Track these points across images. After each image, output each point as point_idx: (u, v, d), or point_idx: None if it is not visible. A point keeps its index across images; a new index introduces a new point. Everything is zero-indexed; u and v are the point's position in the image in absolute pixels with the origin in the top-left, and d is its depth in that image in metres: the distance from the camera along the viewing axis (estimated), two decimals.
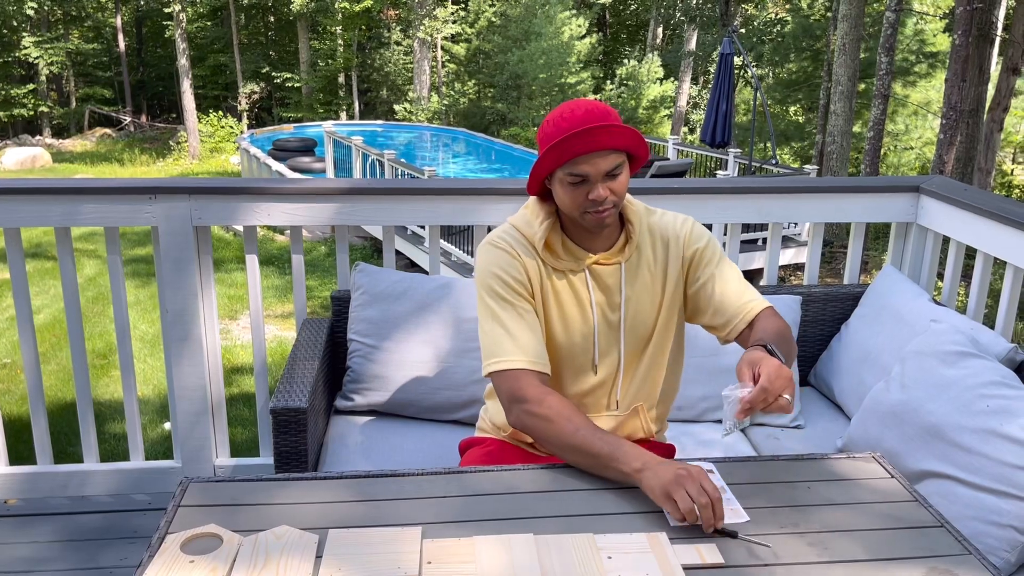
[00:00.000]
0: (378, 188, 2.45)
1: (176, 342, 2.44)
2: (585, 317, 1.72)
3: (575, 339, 1.72)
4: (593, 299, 1.71)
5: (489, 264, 1.67)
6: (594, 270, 1.71)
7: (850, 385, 2.34)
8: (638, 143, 1.62)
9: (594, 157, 1.58)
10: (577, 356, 1.73)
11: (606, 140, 1.56)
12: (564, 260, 1.71)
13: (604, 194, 1.59)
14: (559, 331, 1.73)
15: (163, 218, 2.35)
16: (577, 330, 1.72)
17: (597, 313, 1.71)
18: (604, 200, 1.59)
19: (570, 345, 1.73)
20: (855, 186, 2.60)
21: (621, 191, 1.62)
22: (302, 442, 1.96)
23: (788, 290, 2.51)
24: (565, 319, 1.72)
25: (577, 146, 1.56)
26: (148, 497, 2.63)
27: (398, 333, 2.27)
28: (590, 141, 1.56)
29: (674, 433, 2.22)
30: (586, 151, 1.57)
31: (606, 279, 1.72)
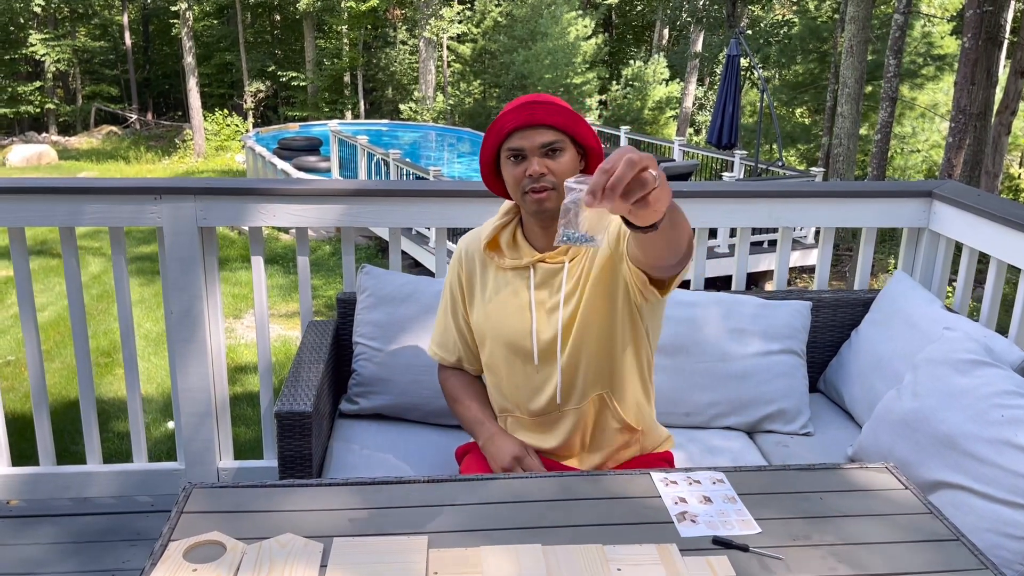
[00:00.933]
0: (384, 190, 2.42)
1: (180, 343, 2.42)
2: (522, 315, 1.73)
3: (514, 336, 1.74)
4: (533, 298, 1.72)
5: (449, 265, 1.89)
6: (539, 268, 1.73)
7: (861, 392, 2.31)
8: (579, 128, 1.65)
9: (528, 131, 1.63)
10: (518, 352, 1.75)
11: (540, 115, 1.62)
12: (508, 258, 1.75)
13: (539, 169, 1.62)
14: (499, 327, 1.76)
15: (168, 218, 2.33)
16: (516, 327, 1.74)
17: (536, 311, 1.72)
18: (541, 177, 1.62)
19: (510, 342, 1.75)
20: (866, 191, 2.58)
21: (561, 172, 1.63)
22: (306, 447, 1.94)
23: (798, 295, 2.48)
24: (505, 315, 1.75)
25: (512, 120, 1.63)
26: (151, 499, 2.61)
27: (404, 336, 2.25)
28: (525, 114, 1.62)
29: (681, 440, 2.20)
30: (520, 124, 1.62)
31: (550, 278, 1.72)
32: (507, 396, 1.80)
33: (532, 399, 1.76)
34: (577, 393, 1.73)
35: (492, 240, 1.77)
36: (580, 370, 1.71)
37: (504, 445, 1.74)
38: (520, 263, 1.73)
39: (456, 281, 1.85)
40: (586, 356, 1.70)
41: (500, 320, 1.75)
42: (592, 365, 1.71)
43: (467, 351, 1.88)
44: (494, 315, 1.76)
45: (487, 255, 1.77)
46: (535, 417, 1.77)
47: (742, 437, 2.28)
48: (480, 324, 1.80)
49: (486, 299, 1.79)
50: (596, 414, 1.75)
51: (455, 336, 1.88)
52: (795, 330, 2.35)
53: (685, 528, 1.43)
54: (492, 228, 1.77)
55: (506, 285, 1.75)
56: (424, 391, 2.20)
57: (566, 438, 1.76)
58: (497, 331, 1.76)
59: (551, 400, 1.74)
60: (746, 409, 2.28)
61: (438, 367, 1.96)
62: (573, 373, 1.72)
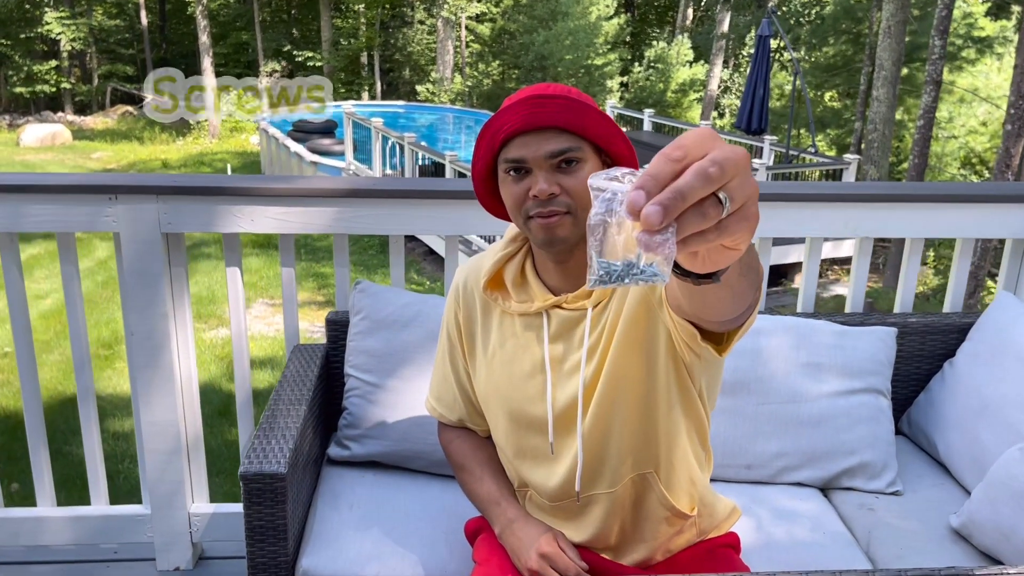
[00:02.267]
0: (384, 190, 2.03)
1: (143, 370, 2.04)
2: (533, 377, 1.31)
3: (523, 403, 1.33)
4: (547, 354, 1.29)
5: (448, 294, 1.47)
6: (554, 315, 1.29)
7: (961, 443, 1.90)
8: (602, 128, 1.19)
9: (531, 136, 1.18)
10: (529, 424, 1.33)
11: (549, 113, 1.17)
12: (515, 301, 1.32)
13: (548, 188, 1.17)
14: (505, 391, 1.34)
15: (126, 223, 1.95)
16: (525, 392, 1.32)
17: (551, 372, 1.29)
18: (549, 199, 1.18)
19: (517, 410, 1.34)
20: (964, 194, 2.15)
21: (578, 191, 1.18)
22: (280, 514, 1.55)
23: (879, 319, 2.07)
24: (511, 376, 1.33)
25: (511, 121, 1.18)
26: (114, 546, 2.25)
27: (405, 369, 1.86)
28: (527, 114, 1.17)
29: (743, 500, 1.79)
30: (522, 126, 1.18)
31: (569, 328, 1.29)
32: (519, 474, 1.40)
33: (547, 481, 1.35)
34: (608, 474, 1.31)
35: (494, 277, 1.33)
36: (609, 445, 1.29)
37: (526, 536, 1.34)
38: (531, 308, 1.30)
39: (454, 323, 1.43)
40: (618, 427, 1.28)
41: (506, 382, 1.34)
42: (626, 439, 1.29)
43: (471, 409, 1.47)
44: (498, 375, 1.35)
45: (489, 296, 1.34)
46: (555, 503, 1.37)
47: (816, 496, 1.87)
48: (482, 385, 1.39)
49: (489, 353, 1.37)
50: (636, 499, 1.34)
51: (455, 390, 1.47)
52: (879, 364, 1.94)
53: None
54: (494, 261, 1.33)
55: (513, 337, 1.33)
56: (429, 436, 1.81)
57: (598, 530, 1.36)
58: (502, 396, 1.35)
59: (568, 484, 1.32)
60: (821, 461, 1.88)
61: (438, 425, 1.56)
62: (599, 449, 1.30)
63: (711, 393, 1.32)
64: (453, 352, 1.45)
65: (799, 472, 1.88)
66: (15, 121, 23.22)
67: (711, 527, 1.44)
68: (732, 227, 0.62)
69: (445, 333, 1.46)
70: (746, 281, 0.86)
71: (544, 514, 1.40)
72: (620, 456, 1.30)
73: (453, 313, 1.43)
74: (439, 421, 1.55)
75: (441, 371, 1.49)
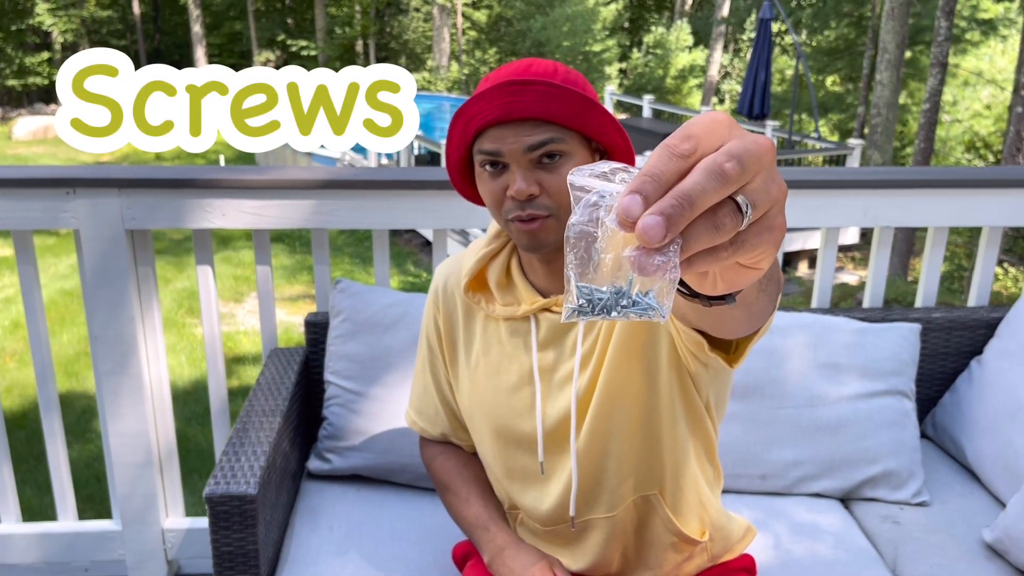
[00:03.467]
0: (365, 180, 1.88)
1: (109, 376, 1.90)
2: (521, 389, 1.17)
3: (510, 418, 1.18)
4: (536, 363, 1.14)
5: (428, 297, 1.32)
6: (543, 320, 1.14)
7: (992, 448, 1.75)
8: (587, 112, 1.02)
9: (508, 128, 1.02)
10: (517, 442, 1.19)
11: (526, 102, 1.00)
12: (500, 304, 1.17)
13: (527, 188, 1.02)
14: (489, 405, 1.20)
15: (86, 219, 1.80)
16: (512, 405, 1.18)
17: (540, 383, 1.15)
18: (529, 200, 1.03)
19: (504, 427, 1.19)
20: (990, 179, 2.00)
21: (561, 191, 1.03)
22: (251, 540, 1.41)
23: (901, 315, 1.92)
24: (497, 388, 1.19)
25: (485, 109, 1.01)
26: (85, 563, 2.11)
27: (389, 375, 1.72)
28: (500, 103, 1.01)
29: (757, 514, 1.65)
30: (497, 116, 1.01)
31: (560, 334, 1.14)
32: (509, 496, 1.26)
33: (539, 504, 1.21)
34: (606, 497, 1.17)
35: (477, 277, 1.18)
36: (607, 465, 1.15)
37: (517, 565, 1.19)
38: (517, 312, 1.15)
39: (433, 329, 1.28)
40: (616, 444, 1.14)
41: (491, 394, 1.20)
42: (625, 456, 1.14)
43: (454, 423, 1.33)
44: (483, 386, 1.21)
45: (471, 298, 1.19)
46: (549, 527, 1.22)
47: (837, 508, 1.73)
48: (465, 398, 1.25)
49: (472, 362, 1.22)
50: (639, 523, 1.20)
51: (437, 402, 1.33)
52: (902, 364, 1.79)
53: None
54: (477, 259, 1.18)
55: (499, 343, 1.19)
56: (415, 448, 1.66)
57: (597, 557, 1.21)
58: (487, 410, 1.21)
59: (562, 507, 1.18)
60: (841, 470, 1.73)
61: (420, 440, 1.42)
62: (596, 469, 1.15)
63: (719, 405, 1.18)
64: (434, 360, 1.30)
65: (818, 482, 1.74)
66: (7, 114, 23.00)
67: (724, 551, 1.29)
68: (752, 240, 0.47)
69: (425, 339, 1.32)
70: (765, 296, 0.70)
71: (537, 539, 1.26)
72: (620, 477, 1.16)
73: (432, 318, 1.28)
74: (420, 436, 1.40)
75: (422, 381, 1.35)
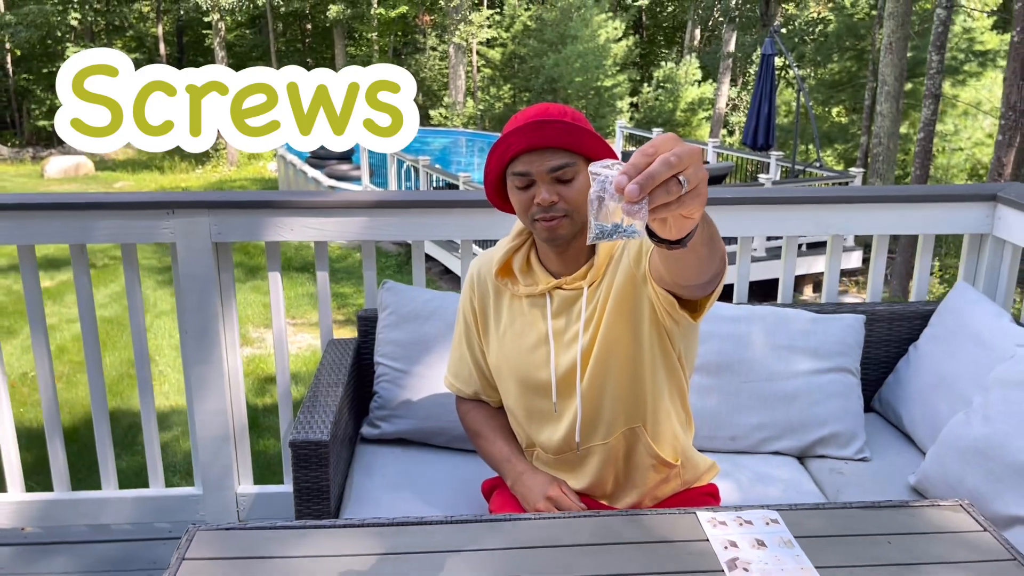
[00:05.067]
0: (407, 200, 2.30)
1: (196, 365, 2.31)
2: (539, 348, 1.57)
3: (531, 371, 1.59)
4: (550, 328, 1.55)
5: (464, 285, 1.73)
6: (556, 295, 1.56)
7: (922, 414, 2.13)
8: (595, 146, 1.45)
9: (535, 155, 1.45)
10: (536, 389, 1.59)
11: (549, 136, 1.43)
12: (522, 284, 1.58)
13: (549, 197, 1.45)
14: (515, 361, 1.60)
15: (182, 234, 2.23)
16: (532, 361, 1.58)
17: (554, 343, 1.55)
18: (551, 206, 1.45)
19: (526, 377, 1.59)
20: (924, 195, 2.40)
21: (575, 199, 1.46)
22: (324, 477, 1.81)
23: (850, 308, 2.31)
24: (521, 349, 1.59)
25: (519, 142, 1.44)
26: (169, 525, 2.51)
27: (428, 356, 2.12)
28: (531, 137, 1.44)
29: (726, 467, 2.04)
30: (526, 147, 1.44)
31: (568, 305, 1.55)
32: (528, 433, 1.66)
33: (552, 437, 1.61)
34: (603, 428, 1.57)
35: (504, 265, 1.60)
36: (604, 403, 1.56)
37: (534, 484, 1.59)
38: (536, 290, 1.57)
39: (469, 308, 1.70)
40: (611, 387, 1.54)
41: (516, 354, 1.60)
42: (618, 397, 1.55)
43: (484, 383, 1.74)
44: (509, 348, 1.61)
45: (500, 282, 1.61)
46: (558, 455, 1.62)
47: (792, 463, 2.11)
48: (495, 358, 1.65)
49: (500, 331, 1.63)
50: (627, 450, 1.59)
51: (471, 366, 1.73)
52: (848, 346, 2.18)
53: None
54: (504, 252, 1.60)
55: (521, 315, 1.60)
56: (450, 415, 2.06)
57: (595, 477, 1.61)
58: (513, 366, 1.61)
59: (570, 437, 1.59)
60: (796, 433, 2.12)
61: (456, 399, 1.82)
62: (595, 406, 1.56)
63: (688, 358, 1.58)
64: (469, 334, 1.71)
65: (777, 442, 2.12)
66: (38, 153, 23.82)
67: (694, 479, 1.69)
68: (688, 202, 0.90)
69: (462, 319, 1.72)
70: (707, 250, 1.14)
71: (549, 467, 1.65)
72: (613, 412, 1.56)
73: (469, 300, 1.69)
74: (457, 396, 1.80)
75: (458, 352, 1.75)
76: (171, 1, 25.32)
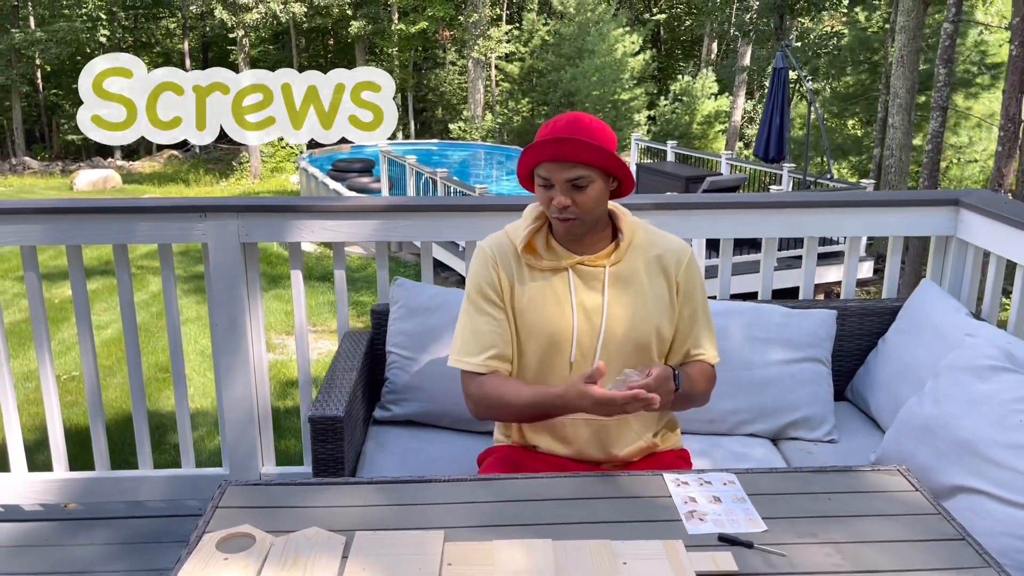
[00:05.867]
0: (414, 205, 2.53)
1: (225, 355, 2.54)
2: (563, 315, 1.78)
3: (554, 337, 1.79)
4: (574, 299, 1.78)
5: (472, 268, 1.86)
6: (579, 270, 1.79)
7: (886, 400, 2.32)
8: (609, 162, 1.70)
9: (556, 166, 1.70)
10: (555, 353, 1.80)
11: (570, 152, 1.68)
12: (546, 260, 1.80)
13: (564, 202, 1.71)
14: (538, 329, 1.80)
15: (213, 235, 2.46)
16: (557, 324, 1.78)
17: (577, 312, 1.78)
18: (564, 208, 1.71)
19: (549, 343, 1.79)
20: (892, 200, 2.59)
21: (586, 205, 1.71)
22: (339, 450, 2.03)
23: (824, 304, 2.50)
24: (544, 318, 1.79)
25: (544, 152, 1.70)
26: (198, 503, 2.73)
27: (434, 345, 2.34)
28: (555, 150, 1.69)
29: (705, 446, 2.23)
30: (551, 158, 1.70)
31: (590, 280, 1.79)
32: None
33: None
34: (610, 377, 1.78)
35: (528, 243, 1.81)
36: (611, 358, 1.77)
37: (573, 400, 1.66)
38: (559, 264, 1.79)
39: (490, 283, 1.80)
40: (621, 364, 1.76)
41: (541, 317, 1.78)
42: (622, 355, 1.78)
43: (500, 354, 1.79)
44: (534, 312, 1.79)
45: (524, 256, 1.81)
46: None
47: (766, 444, 2.30)
48: (520, 322, 1.81)
49: (525, 299, 1.80)
50: (622, 425, 1.82)
51: (496, 337, 1.79)
52: (820, 339, 2.37)
53: (693, 526, 1.47)
54: (526, 232, 1.80)
55: (546, 285, 1.80)
56: (453, 398, 2.25)
57: (585, 444, 1.83)
58: (538, 327, 1.78)
59: None
60: (770, 416, 2.31)
61: (463, 379, 1.84)
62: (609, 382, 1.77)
63: None
64: (487, 308, 1.80)
65: (752, 425, 2.31)
66: (67, 167, 24.41)
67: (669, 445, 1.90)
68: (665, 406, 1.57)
69: (476, 297, 1.81)
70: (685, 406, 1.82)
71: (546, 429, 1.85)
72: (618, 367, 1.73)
73: (490, 275, 1.81)
74: (464, 373, 1.83)
75: (469, 330, 1.81)
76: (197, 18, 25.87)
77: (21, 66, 24.75)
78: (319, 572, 1.34)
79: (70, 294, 9.10)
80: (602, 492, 1.59)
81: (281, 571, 1.34)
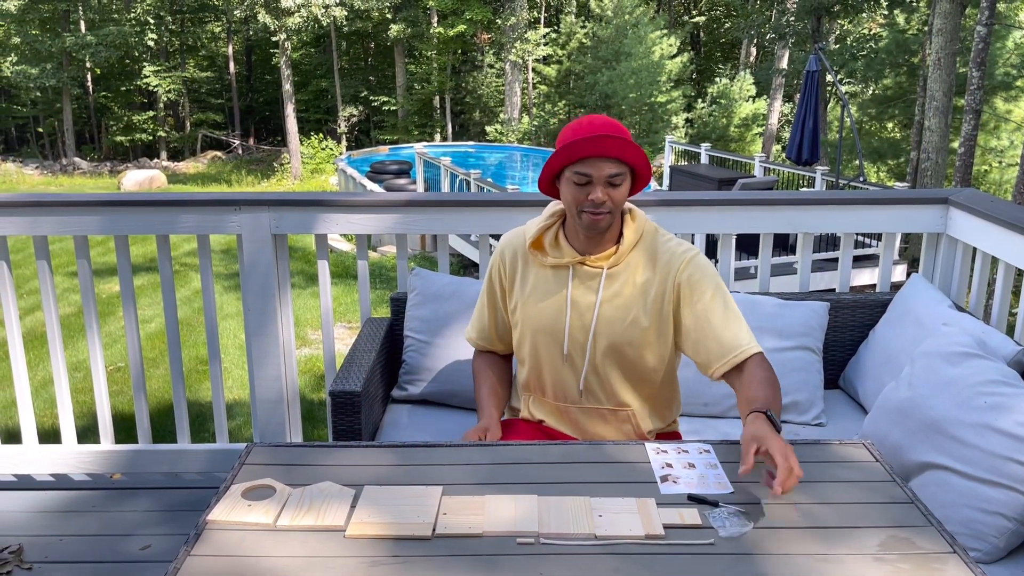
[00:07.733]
0: (433, 201, 2.71)
1: (256, 338, 2.75)
2: (558, 311, 1.93)
3: (549, 328, 1.94)
4: (569, 296, 1.92)
5: (493, 256, 2.07)
6: (578, 270, 1.92)
7: (872, 387, 2.45)
8: (641, 161, 1.84)
9: (599, 161, 1.81)
10: (550, 344, 1.95)
11: (613, 148, 1.80)
12: (551, 256, 1.95)
13: (603, 197, 1.82)
14: (537, 317, 1.96)
15: (246, 227, 2.67)
16: (551, 318, 1.94)
17: (571, 309, 1.92)
18: (602, 203, 1.82)
19: (545, 333, 1.95)
20: (884, 198, 2.71)
21: (619, 200, 1.84)
22: (356, 422, 2.22)
23: (817, 296, 2.64)
24: (540, 311, 1.95)
25: (587, 148, 1.80)
26: None
27: (448, 330, 2.52)
28: (600, 146, 1.79)
29: (698, 427, 2.38)
30: (594, 154, 1.80)
31: (588, 279, 1.92)
32: (538, 379, 2.01)
33: (557, 388, 1.98)
34: (602, 395, 1.95)
35: (536, 240, 1.97)
36: (608, 375, 1.93)
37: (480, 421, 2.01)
38: (561, 262, 1.93)
39: (497, 273, 2.03)
40: (617, 366, 1.91)
41: (537, 311, 1.95)
42: (621, 374, 1.93)
43: (494, 334, 2.09)
44: (532, 306, 1.96)
45: (531, 253, 1.96)
46: (558, 403, 1.99)
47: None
48: (519, 314, 2.00)
49: (526, 293, 1.98)
50: (619, 422, 1.98)
51: (488, 324, 2.10)
52: (811, 328, 2.51)
53: (666, 487, 1.63)
54: (537, 228, 1.96)
55: (545, 281, 1.95)
56: (465, 379, 2.46)
57: (581, 432, 2.00)
58: (535, 321, 1.96)
59: (574, 392, 1.96)
60: None
61: (474, 351, 2.19)
62: (599, 375, 1.93)
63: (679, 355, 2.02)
64: (493, 296, 2.06)
65: None
66: (115, 168, 25.15)
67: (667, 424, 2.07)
68: None
69: (488, 284, 2.07)
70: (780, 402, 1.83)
71: (546, 413, 2.03)
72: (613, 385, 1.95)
73: (498, 267, 2.03)
74: (475, 348, 2.18)
75: (479, 312, 2.12)
76: (240, 22, 26.46)
77: (72, 69, 25.53)
78: (330, 518, 1.52)
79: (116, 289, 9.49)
80: (587, 457, 1.76)
81: (297, 516, 1.53)
